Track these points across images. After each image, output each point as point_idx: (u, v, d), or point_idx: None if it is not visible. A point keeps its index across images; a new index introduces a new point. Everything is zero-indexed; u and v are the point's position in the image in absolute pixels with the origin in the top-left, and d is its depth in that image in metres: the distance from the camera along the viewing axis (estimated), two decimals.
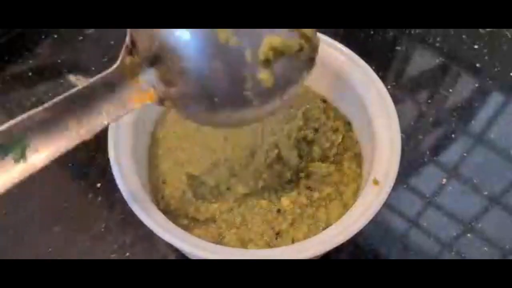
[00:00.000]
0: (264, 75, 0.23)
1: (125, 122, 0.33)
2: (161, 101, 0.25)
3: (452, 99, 0.47)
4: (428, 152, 0.43)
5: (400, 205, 0.41)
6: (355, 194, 0.33)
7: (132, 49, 0.24)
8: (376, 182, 0.30)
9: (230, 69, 0.23)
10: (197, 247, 0.28)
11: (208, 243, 0.29)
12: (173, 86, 0.24)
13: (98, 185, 0.41)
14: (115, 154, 0.31)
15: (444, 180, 0.42)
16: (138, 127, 0.34)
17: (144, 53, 0.23)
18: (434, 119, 0.46)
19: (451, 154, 0.43)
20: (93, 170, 0.41)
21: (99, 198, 0.40)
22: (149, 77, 0.24)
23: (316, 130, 0.35)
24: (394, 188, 0.40)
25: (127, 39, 0.24)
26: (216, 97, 0.23)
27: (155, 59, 0.23)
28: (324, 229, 0.31)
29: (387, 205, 0.40)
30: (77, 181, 0.41)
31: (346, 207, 0.32)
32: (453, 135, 0.44)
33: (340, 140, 0.35)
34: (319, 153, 0.34)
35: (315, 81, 0.38)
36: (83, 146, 0.42)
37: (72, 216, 0.39)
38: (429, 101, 0.47)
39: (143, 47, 0.23)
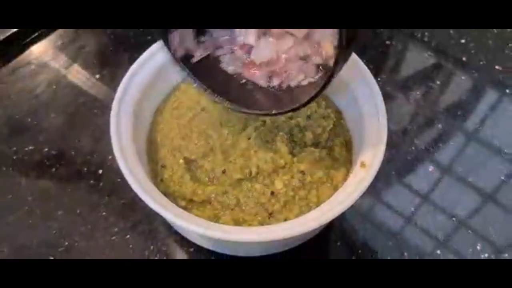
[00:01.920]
0: None
1: (125, 112, 0.35)
2: None
3: (444, 96, 0.49)
4: (422, 150, 0.45)
5: (395, 201, 0.42)
6: (345, 177, 0.35)
7: None
8: (363, 165, 0.32)
9: None
10: (196, 225, 0.30)
11: (205, 221, 0.31)
12: None
13: (100, 171, 0.42)
14: (118, 141, 0.33)
15: (438, 176, 0.43)
16: (138, 116, 0.36)
17: None
18: (427, 116, 0.47)
19: (445, 151, 0.44)
20: (95, 157, 0.43)
21: (101, 184, 0.42)
22: None
23: (308, 117, 0.37)
24: (389, 184, 0.42)
25: None
26: None
27: None
28: None
29: (382, 201, 0.42)
30: (79, 167, 0.43)
31: (336, 189, 0.34)
32: (445, 132, 0.46)
33: (331, 126, 0.37)
34: (311, 139, 0.36)
35: None
36: (85, 136, 0.45)
37: (74, 200, 0.41)
38: (419, 95, 0.48)
39: None
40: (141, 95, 0.37)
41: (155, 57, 0.38)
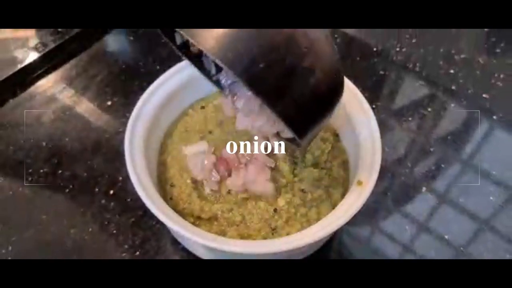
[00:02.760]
0: None
1: (138, 138, 0.38)
2: None
3: (436, 122, 0.51)
4: (418, 175, 0.47)
5: (393, 230, 0.43)
6: (343, 196, 0.37)
7: None
8: (360, 183, 0.35)
9: None
10: (207, 239, 0.32)
11: (213, 234, 0.33)
12: None
13: (111, 192, 0.45)
14: (132, 164, 0.36)
15: (435, 202, 0.45)
16: (149, 140, 0.39)
17: None
18: (421, 142, 0.49)
19: (441, 180, 0.46)
20: (106, 179, 0.46)
21: (112, 204, 0.44)
22: None
23: None
24: (387, 214, 0.44)
25: None
26: None
27: None
28: None
29: (379, 228, 0.43)
30: (91, 188, 0.45)
31: (334, 206, 0.36)
32: (439, 158, 0.48)
33: (329, 149, 0.39)
34: (311, 160, 0.38)
35: None
36: (97, 159, 0.47)
37: (87, 220, 0.43)
38: (413, 122, 0.51)
39: None
40: (152, 121, 0.39)
41: (164, 85, 0.41)
